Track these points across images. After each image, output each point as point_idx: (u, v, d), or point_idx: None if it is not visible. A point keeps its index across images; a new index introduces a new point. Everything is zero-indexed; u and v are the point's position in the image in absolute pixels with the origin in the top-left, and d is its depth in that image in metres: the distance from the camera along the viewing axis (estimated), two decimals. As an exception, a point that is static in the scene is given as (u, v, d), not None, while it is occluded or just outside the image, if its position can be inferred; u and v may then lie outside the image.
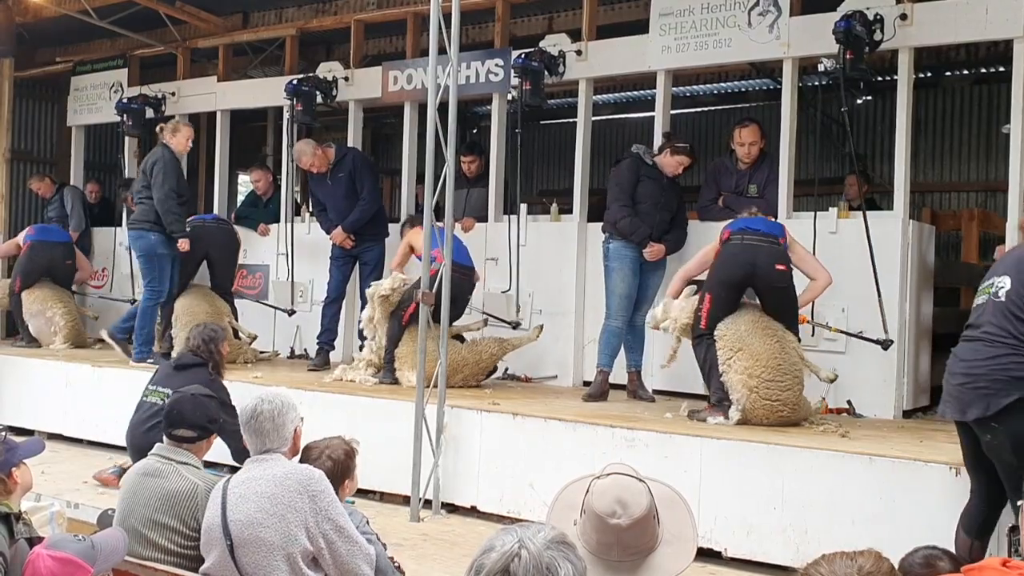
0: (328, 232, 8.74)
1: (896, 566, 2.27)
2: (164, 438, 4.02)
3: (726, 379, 5.94)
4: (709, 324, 6.05)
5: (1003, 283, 4.23)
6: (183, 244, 8.38)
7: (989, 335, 4.17)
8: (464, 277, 7.25)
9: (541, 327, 7.76)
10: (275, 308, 9.54)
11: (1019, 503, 2.79)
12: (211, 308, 8.75)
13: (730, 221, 6.43)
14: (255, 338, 9.16)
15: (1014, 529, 2.82)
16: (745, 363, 5.89)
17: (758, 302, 6.24)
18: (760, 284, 6.17)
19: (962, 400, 4.21)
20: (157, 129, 8.72)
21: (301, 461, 3.95)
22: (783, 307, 6.20)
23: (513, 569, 1.94)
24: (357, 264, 8.83)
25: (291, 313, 9.40)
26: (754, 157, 7.31)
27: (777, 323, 6.10)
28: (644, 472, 2.78)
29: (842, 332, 6.61)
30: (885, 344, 6.49)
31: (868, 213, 7.29)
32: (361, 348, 8.25)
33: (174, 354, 8.56)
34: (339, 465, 4.08)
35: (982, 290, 4.39)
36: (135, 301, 9.48)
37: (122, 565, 3.46)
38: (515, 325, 7.90)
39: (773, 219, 6.67)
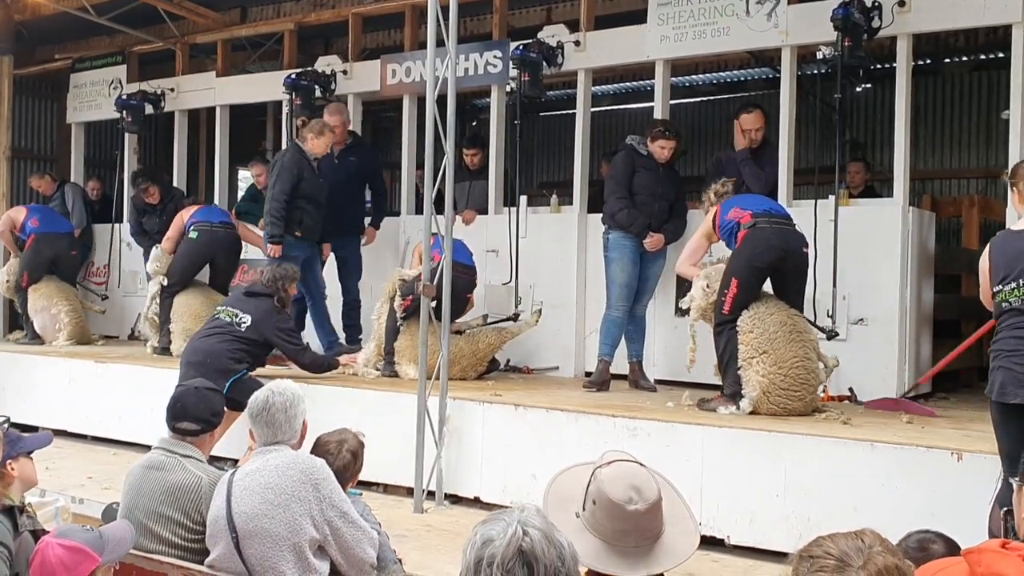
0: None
1: None
2: (168, 431, 4.04)
3: (743, 374, 5.90)
4: (734, 310, 5.96)
5: None
6: (272, 250, 7.81)
7: None
8: (463, 275, 7.22)
9: (539, 311, 7.72)
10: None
11: (1015, 482, 2.79)
12: (211, 305, 8.74)
13: (733, 199, 6.39)
14: None
15: (1010, 512, 2.81)
16: (768, 367, 5.83)
17: (771, 291, 6.23)
18: (789, 268, 6.13)
19: None
20: (299, 123, 8.54)
21: (317, 455, 3.96)
22: (802, 287, 6.22)
23: (526, 547, 1.99)
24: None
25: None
26: (758, 143, 7.29)
27: (802, 319, 6.08)
28: (645, 460, 2.79)
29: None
30: (829, 335, 6.49)
31: (869, 200, 7.32)
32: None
33: (173, 349, 8.59)
34: (357, 458, 4.16)
35: None
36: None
37: (127, 558, 3.47)
38: (515, 317, 7.88)
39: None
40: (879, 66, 9.16)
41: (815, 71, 8.09)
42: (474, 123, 13.26)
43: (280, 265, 7.23)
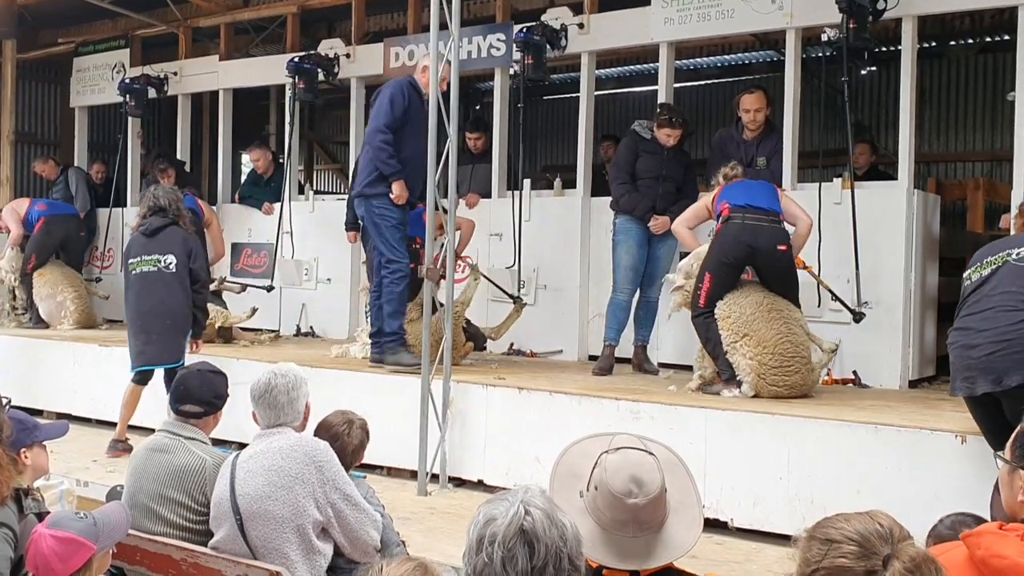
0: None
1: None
2: (171, 414, 4.05)
3: (732, 359, 5.90)
4: (708, 303, 6.01)
5: (1021, 251, 4.20)
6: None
7: (1009, 301, 4.12)
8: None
9: (475, 267, 7.64)
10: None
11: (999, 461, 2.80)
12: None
13: (727, 188, 6.37)
14: (255, 311, 9.15)
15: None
16: (753, 349, 5.84)
17: (757, 278, 6.23)
18: (760, 264, 6.14)
19: (995, 369, 4.13)
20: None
21: (327, 437, 3.97)
22: (784, 283, 6.18)
23: (528, 526, 2.00)
24: None
25: (269, 289, 9.49)
26: (760, 124, 7.25)
27: (782, 300, 6.07)
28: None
29: (830, 291, 6.57)
30: (857, 316, 6.49)
31: (873, 183, 7.29)
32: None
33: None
34: (368, 437, 4.20)
35: (988, 263, 4.34)
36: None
37: (131, 540, 3.48)
38: (516, 299, 7.78)
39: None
40: (884, 48, 9.14)
41: (820, 54, 8.05)
42: (477, 107, 13.24)
43: (162, 187, 7.30)
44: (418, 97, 6.89)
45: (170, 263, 6.80)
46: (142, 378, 7.04)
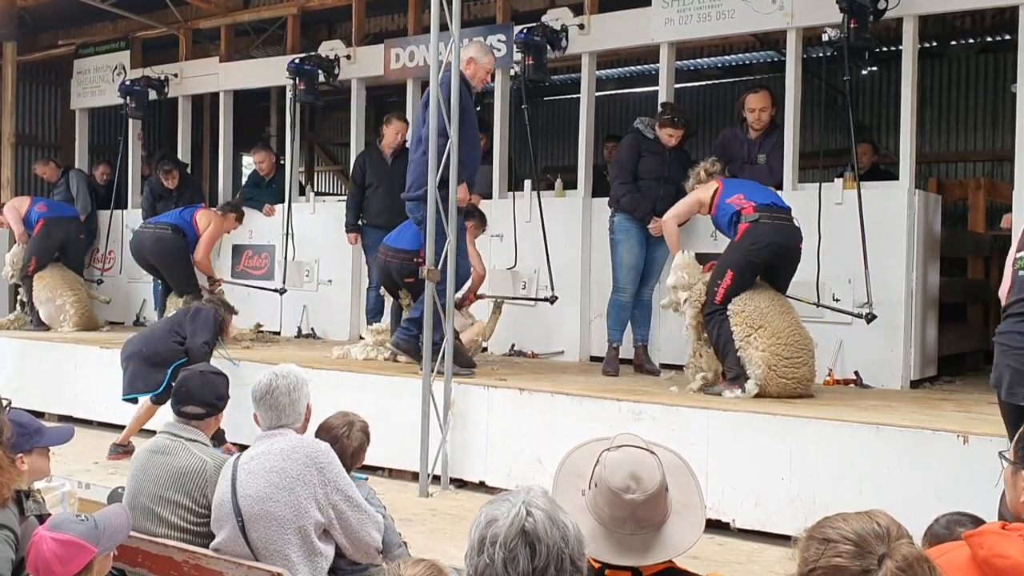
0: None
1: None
2: (172, 415, 4.04)
3: (744, 355, 5.90)
4: (725, 300, 6.00)
5: None
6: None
7: None
8: (393, 259, 7.28)
9: (499, 302, 7.80)
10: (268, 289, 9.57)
11: (1005, 462, 2.78)
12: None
13: (729, 183, 6.37)
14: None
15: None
16: (767, 341, 5.86)
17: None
18: (784, 262, 6.17)
19: None
20: None
21: (328, 439, 3.97)
22: (788, 281, 6.24)
23: (529, 527, 2.00)
24: None
25: (282, 292, 9.50)
26: (765, 124, 7.24)
27: (786, 298, 6.13)
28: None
29: (814, 304, 6.57)
30: (868, 317, 6.47)
31: (874, 183, 7.28)
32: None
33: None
34: (369, 438, 4.20)
35: None
36: None
37: (132, 541, 3.48)
38: (552, 300, 7.83)
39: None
40: (885, 48, 9.12)
41: (821, 54, 8.06)
42: (478, 108, 13.22)
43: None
44: (468, 93, 6.72)
45: (168, 315, 7.52)
46: (159, 399, 7.02)
